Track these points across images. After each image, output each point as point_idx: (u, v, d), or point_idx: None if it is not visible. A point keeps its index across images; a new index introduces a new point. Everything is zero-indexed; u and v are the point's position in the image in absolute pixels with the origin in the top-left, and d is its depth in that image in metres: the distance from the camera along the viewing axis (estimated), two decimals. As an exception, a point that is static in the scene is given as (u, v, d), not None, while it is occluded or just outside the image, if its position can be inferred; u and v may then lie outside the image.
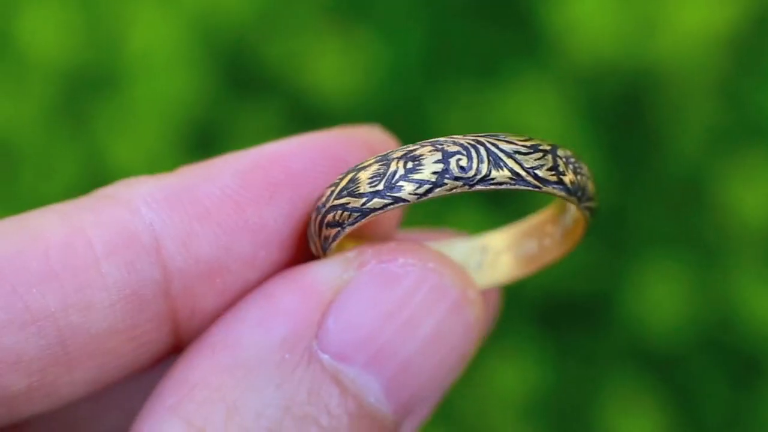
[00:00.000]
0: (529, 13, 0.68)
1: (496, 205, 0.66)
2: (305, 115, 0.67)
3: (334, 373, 0.25)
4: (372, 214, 0.25)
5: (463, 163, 0.24)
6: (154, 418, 0.25)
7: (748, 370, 0.65)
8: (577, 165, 0.25)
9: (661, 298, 0.65)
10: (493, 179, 0.24)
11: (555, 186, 0.25)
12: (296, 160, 0.27)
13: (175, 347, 0.27)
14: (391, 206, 0.25)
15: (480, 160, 0.24)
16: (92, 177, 0.66)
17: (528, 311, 0.66)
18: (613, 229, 0.67)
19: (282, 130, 0.67)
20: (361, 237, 0.28)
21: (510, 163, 0.24)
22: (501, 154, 0.24)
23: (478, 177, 0.24)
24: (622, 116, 0.68)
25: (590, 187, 0.26)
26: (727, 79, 0.67)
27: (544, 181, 0.25)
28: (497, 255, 0.31)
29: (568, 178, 0.25)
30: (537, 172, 0.24)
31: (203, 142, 0.67)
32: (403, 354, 0.25)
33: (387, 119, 0.67)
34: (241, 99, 0.68)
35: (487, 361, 0.65)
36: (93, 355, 0.26)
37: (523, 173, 0.24)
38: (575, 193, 0.25)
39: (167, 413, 0.25)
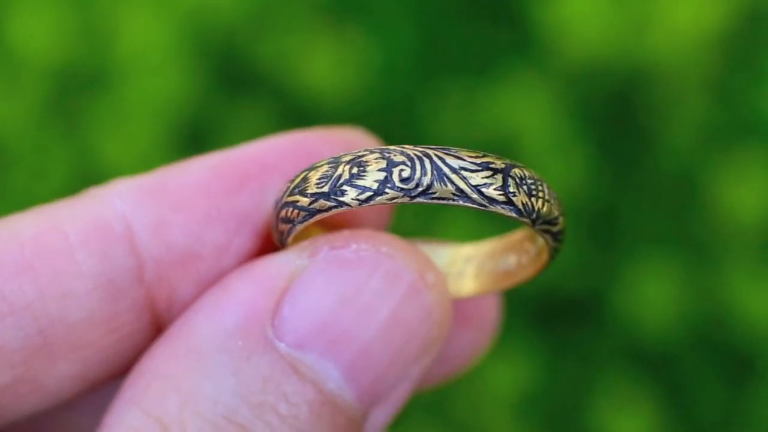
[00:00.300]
0: (521, 12, 0.68)
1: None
2: (297, 113, 0.67)
3: (291, 360, 0.25)
4: (318, 215, 0.25)
5: (406, 174, 0.24)
6: (117, 409, 0.25)
7: (740, 368, 0.65)
8: (533, 187, 0.25)
9: (653, 296, 0.65)
10: (434, 193, 0.24)
11: (503, 206, 0.24)
12: (269, 154, 0.27)
13: None
14: (336, 209, 0.24)
15: (423, 173, 0.24)
16: (85, 176, 0.66)
17: (521, 310, 0.66)
18: (606, 228, 0.67)
19: (274, 129, 0.67)
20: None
21: (454, 178, 0.24)
22: (446, 169, 0.24)
23: (419, 189, 0.24)
24: (614, 114, 0.68)
25: (549, 210, 0.25)
26: (718, 77, 0.67)
27: (490, 200, 0.24)
28: (480, 266, 0.30)
29: (519, 199, 0.24)
30: (483, 190, 0.24)
31: (195, 140, 0.67)
32: (361, 339, 0.25)
33: (379, 118, 0.67)
34: (232, 98, 0.68)
35: (481, 359, 0.65)
36: (75, 346, 0.26)
37: (467, 190, 0.24)
38: (528, 215, 0.24)
39: (127, 404, 0.25)
